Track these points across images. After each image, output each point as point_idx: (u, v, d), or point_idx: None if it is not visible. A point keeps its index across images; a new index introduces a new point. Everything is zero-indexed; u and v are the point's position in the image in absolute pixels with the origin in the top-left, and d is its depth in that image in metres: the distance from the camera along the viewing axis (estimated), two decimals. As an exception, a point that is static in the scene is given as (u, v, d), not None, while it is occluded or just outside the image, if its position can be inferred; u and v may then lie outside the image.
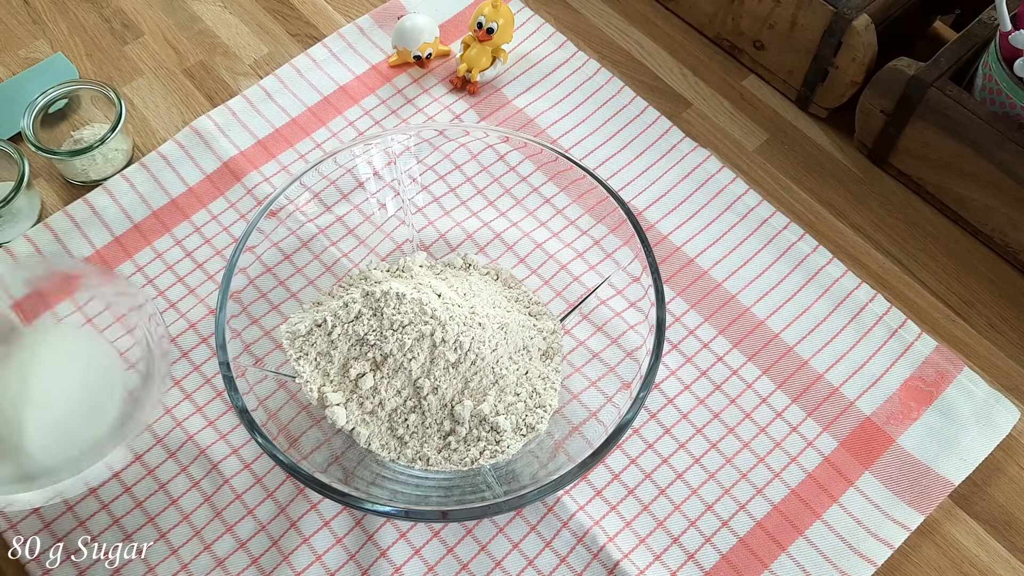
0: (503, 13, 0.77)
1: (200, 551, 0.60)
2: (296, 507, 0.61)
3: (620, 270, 0.65)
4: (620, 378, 0.62)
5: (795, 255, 0.72)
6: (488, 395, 0.60)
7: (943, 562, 0.61)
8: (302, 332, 0.61)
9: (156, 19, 0.84)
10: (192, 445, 0.63)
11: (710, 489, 0.63)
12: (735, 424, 0.65)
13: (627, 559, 0.60)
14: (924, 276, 0.72)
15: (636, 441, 0.64)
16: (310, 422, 0.60)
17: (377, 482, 0.58)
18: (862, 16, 0.72)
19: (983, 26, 0.72)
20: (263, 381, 0.59)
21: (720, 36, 0.83)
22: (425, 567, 0.60)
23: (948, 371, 0.67)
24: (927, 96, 0.70)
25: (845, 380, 0.66)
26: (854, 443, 0.64)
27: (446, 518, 0.53)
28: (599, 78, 0.80)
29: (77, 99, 0.77)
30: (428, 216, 0.71)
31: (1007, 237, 0.72)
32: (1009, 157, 0.67)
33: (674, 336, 0.68)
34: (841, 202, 0.76)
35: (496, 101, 0.79)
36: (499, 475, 0.59)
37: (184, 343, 0.67)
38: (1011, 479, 0.64)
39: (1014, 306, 0.71)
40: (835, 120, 0.80)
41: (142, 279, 0.70)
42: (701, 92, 0.81)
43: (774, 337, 0.68)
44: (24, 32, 0.83)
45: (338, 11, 0.85)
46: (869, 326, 0.69)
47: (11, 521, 0.61)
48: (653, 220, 0.73)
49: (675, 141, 0.77)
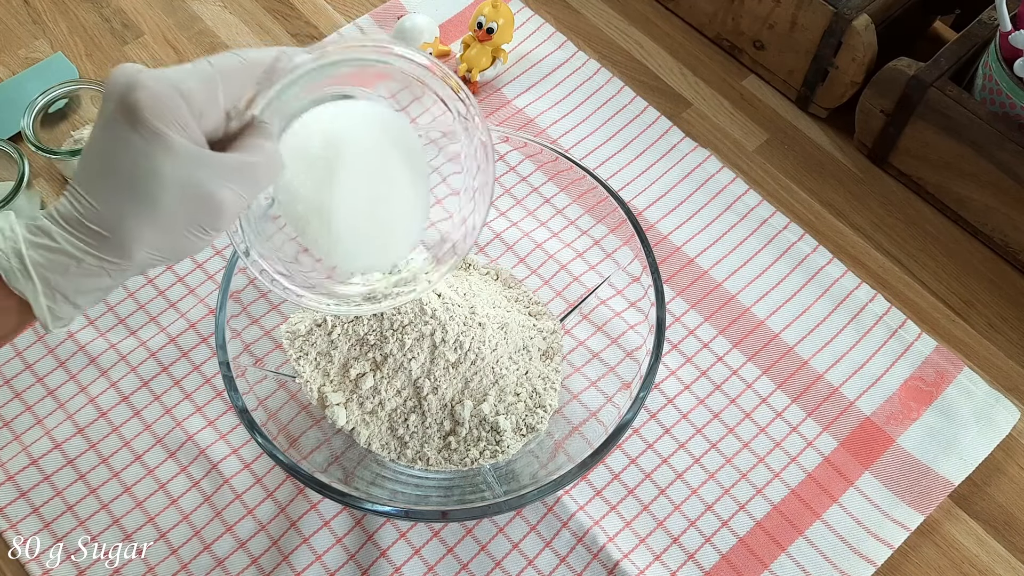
0: (503, 13, 0.77)
1: (200, 551, 0.60)
2: (296, 507, 0.61)
3: (620, 270, 0.65)
4: (620, 378, 0.62)
5: (795, 255, 0.72)
6: (488, 395, 0.60)
7: (943, 562, 0.61)
8: (302, 332, 0.61)
9: (156, 19, 0.84)
10: (192, 445, 0.63)
11: (710, 489, 0.63)
12: (735, 424, 0.65)
13: (627, 559, 0.60)
14: (924, 276, 0.72)
15: (636, 441, 0.64)
16: (310, 422, 0.60)
17: (377, 482, 0.58)
18: (862, 16, 0.72)
19: (983, 26, 0.72)
20: (263, 381, 0.59)
21: (720, 36, 0.83)
22: (425, 567, 0.60)
23: (948, 371, 0.67)
24: (927, 96, 0.70)
25: (845, 380, 0.66)
26: (854, 443, 0.64)
27: (446, 518, 0.53)
28: (599, 78, 0.80)
29: (77, 99, 0.77)
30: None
31: (1007, 237, 0.72)
32: (1009, 157, 0.67)
33: (674, 336, 0.68)
34: (841, 202, 0.76)
35: (496, 101, 0.79)
36: (499, 475, 0.59)
37: (184, 343, 0.67)
38: (1011, 479, 0.64)
39: (1014, 306, 0.71)
40: (835, 120, 0.80)
41: (142, 278, 0.70)
42: (701, 92, 0.81)
43: (774, 337, 0.68)
44: (24, 32, 0.83)
45: (338, 11, 0.85)
46: (869, 326, 0.69)
47: (11, 521, 0.61)
48: (653, 220, 0.73)
49: (675, 141, 0.77)
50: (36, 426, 0.64)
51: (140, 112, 0.39)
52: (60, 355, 0.67)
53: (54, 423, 0.64)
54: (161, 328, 0.68)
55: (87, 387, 0.65)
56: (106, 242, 0.40)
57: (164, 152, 0.39)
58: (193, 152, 0.40)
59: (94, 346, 0.67)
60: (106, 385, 0.66)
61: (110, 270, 0.41)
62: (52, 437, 0.64)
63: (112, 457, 0.63)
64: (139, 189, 0.39)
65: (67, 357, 0.66)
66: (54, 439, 0.64)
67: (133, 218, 0.40)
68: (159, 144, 0.39)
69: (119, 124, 0.39)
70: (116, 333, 0.68)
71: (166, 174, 0.39)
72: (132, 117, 0.39)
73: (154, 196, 0.40)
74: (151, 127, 0.39)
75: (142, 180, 0.39)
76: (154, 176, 0.39)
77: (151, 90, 0.39)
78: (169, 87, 0.39)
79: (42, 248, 0.40)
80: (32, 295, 0.41)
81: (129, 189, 0.40)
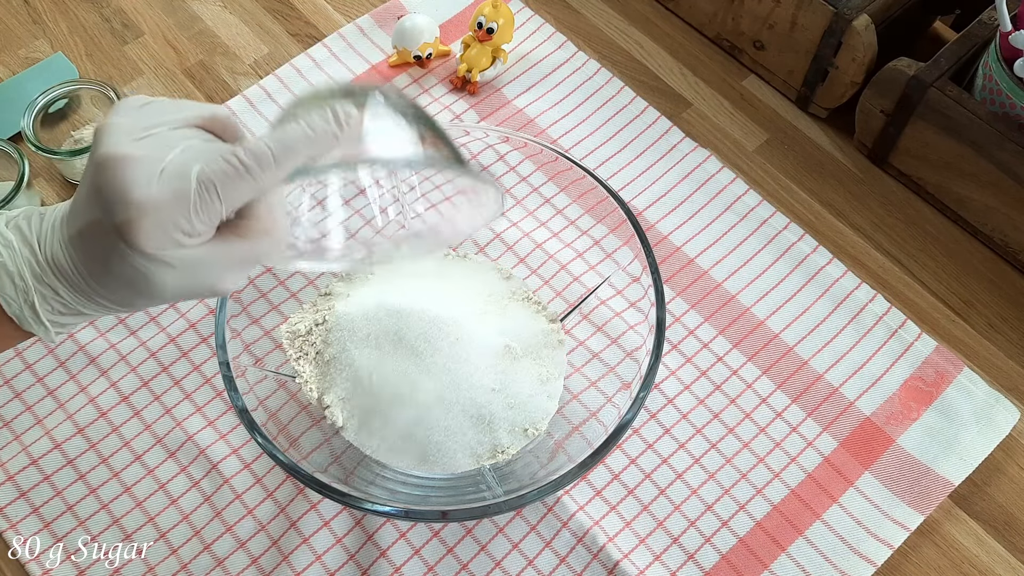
0: (503, 13, 0.77)
1: (200, 551, 0.60)
2: (296, 507, 0.61)
3: (620, 270, 0.65)
4: (620, 378, 0.62)
5: (795, 255, 0.72)
6: (488, 395, 0.60)
7: (943, 562, 0.61)
8: (302, 332, 0.61)
9: (156, 19, 0.84)
10: (192, 445, 0.63)
11: (710, 489, 0.63)
12: (735, 424, 0.65)
13: (627, 559, 0.60)
14: (924, 276, 0.72)
15: (636, 441, 0.64)
16: (310, 422, 0.60)
17: (377, 482, 0.58)
18: (862, 16, 0.72)
19: (983, 26, 0.72)
20: (263, 381, 0.59)
21: (720, 36, 0.83)
22: (425, 567, 0.60)
23: (948, 371, 0.67)
24: (927, 96, 0.70)
25: (845, 380, 0.66)
26: (854, 443, 0.64)
27: (446, 518, 0.53)
28: (599, 78, 0.80)
29: (77, 99, 0.77)
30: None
31: (1007, 237, 0.72)
32: (1009, 157, 0.67)
33: (674, 336, 0.68)
34: (841, 202, 0.76)
35: (496, 101, 0.79)
36: (499, 475, 0.59)
37: (184, 343, 0.67)
38: (1011, 479, 0.64)
39: (1014, 306, 0.71)
40: (835, 120, 0.80)
41: (142, 279, 0.70)
42: (701, 92, 0.81)
43: (774, 337, 0.68)
44: (24, 32, 0.83)
45: (338, 11, 0.85)
46: (869, 326, 0.69)
47: (11, 521, 0.61)
48: (653, 220, 0.73)
49: (675, 141, 0.77)
50: (36, 426, 0.64)
51: (135, 240, 0.37)
52: (60, 355, 0.67)
53: (54, 423, 0.64)
54: (161, 328, 0.68)
55: (87, 387, 0.65)
56: (114, 309, 0.42)
57: (164, 269, 0.39)
58: (195, 258, 0.39)
59: (94, 346, 0.67)
60: (106, 385, 0.66)
61: (116, 313, 0.43)
62: (52, 437, 0.64)
63: (112, 457, 0.63)
64: (142, 291, 0.40)
65: (67, 357, 0.66)
66: (54, 439, 0.64)
67: (140, 300, 0.41)
68: (158, 264, 0.38)
69: (112, 237, 0.38)
70: (116, 333, 0.67)
71: (167, 284, 0.39)
72: (128, 242, 0.38)
73: (159, 295, 0.40)
74: (148, 255, 0.38)
75: (144, 287, 0.39)
76: (157, 286, 0.39)
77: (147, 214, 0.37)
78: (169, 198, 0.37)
79: (56, 301, 0.41)
80: (44, 335, 0.42)
81: (131, 287, 0.40)
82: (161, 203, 0.37)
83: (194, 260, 0.39)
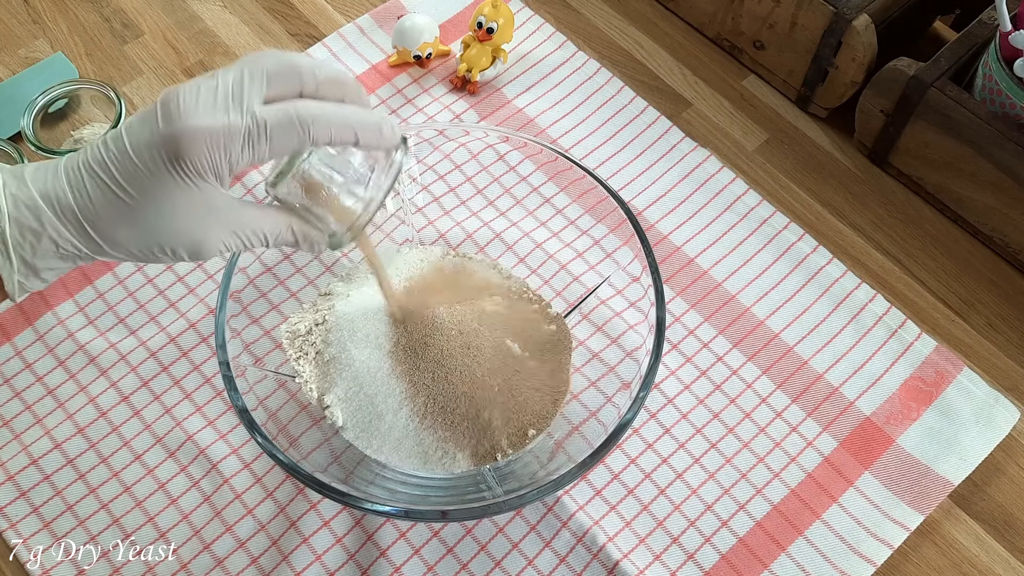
0: (503, 13, 0.77)
1: (200, 551, 0.60)
2: (296, 507, 0.61)
3: (620, 270, 0.65)
4: (620, 378, 0.62)
5: (795, 255, 0.72)
6: (488, 395, 0.60)
7: (943, 562, 0.61)
8: (302, 332, 0.61)
9: (156, 19, 0.84)
10: (192, 445, 0.63)
11: (710, 489, 0.63)
12: (735, 424, 0.65)
13: (627, 559, 0.60)
14: (924, 276, 0.72)
15: (636, 441, 0.64)
16: (310, 422, 0.60)
17: (377, 481, 0.58)
18: (862, 16, 0.72)
19: (983, 26, 0.72)
20: (263, 381, 0.59)
21: (720, 36, 0.83)
22: (425, 567, 0.60)
23: (948, 371, 0.67)
24: (927, 96, 0.70)
25: (845, 380, 0.67)
26: (854, 443, 0.64)
27: (446, 518, 0.53)
28: (599, 78, 0.80)
29: (77, 99, 0.77)
30: (428, 216, 0.71)
31: (1007, 237, 0.72)
32: (1009, 157, 0.67)
33: (674, 336, 0.68)
34: (841, 202, 0.76)
35: (496, 101, 0.79)
36: (499, 475, 0.59)
37: (184, 343, 0.67)
38: (1011, 479, 0.64)
39: (1014, 306, 0.71)
40: (835, 120, 0.80)
41: (142, 278, 0.70)
42: (701, 92, 0.81)
43: (774, 337, 0.68)
44: (24, 32, 0.83)
45: (338, 11, 0.85)
46: (869, 326, 0.69)
47: (11, 521, 0.61)
48: (653, 220, 0.73)
49: (675, 141, 0.77)
50: (36, 425, 0.64)
51: (187, 151, 0.40)
52: (60, 354, 0.67)
53: (54, 423, 0.64)
54: (161, 328, 0.68)
55: (87, 387, 0.65)
56: (91, 242, 0.41)
57: (191, 196, 0.41)
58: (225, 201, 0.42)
59: (94, 345, 0.67)
60: (106, 385, 0.66)
61: (83, 260, 0.42)
62: (52, 437, 0.64)
63: (112, 457, 0.63)
64: (147, 219, 0.41)
65: (67, 356, 0.66)
66: (54, 439, 0.64)
67: (126, 231, 0.41)
68: (188, 190, 0.41)
69: (159, 158, 0.40)
70: (116, 332, 0.68)
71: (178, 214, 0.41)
72: (180, 152, 0.40)
73: (167, 224, 0.41)
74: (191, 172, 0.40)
75: (154, 211, 0.40)
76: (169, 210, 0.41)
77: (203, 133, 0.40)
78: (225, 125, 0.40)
79: (27, 229, 0.40)
80: (7, 273, 0.41)
81: (138, 213, 0.41)
82: (217, 127, 0.40)
83: (224, 203, 0.42)
